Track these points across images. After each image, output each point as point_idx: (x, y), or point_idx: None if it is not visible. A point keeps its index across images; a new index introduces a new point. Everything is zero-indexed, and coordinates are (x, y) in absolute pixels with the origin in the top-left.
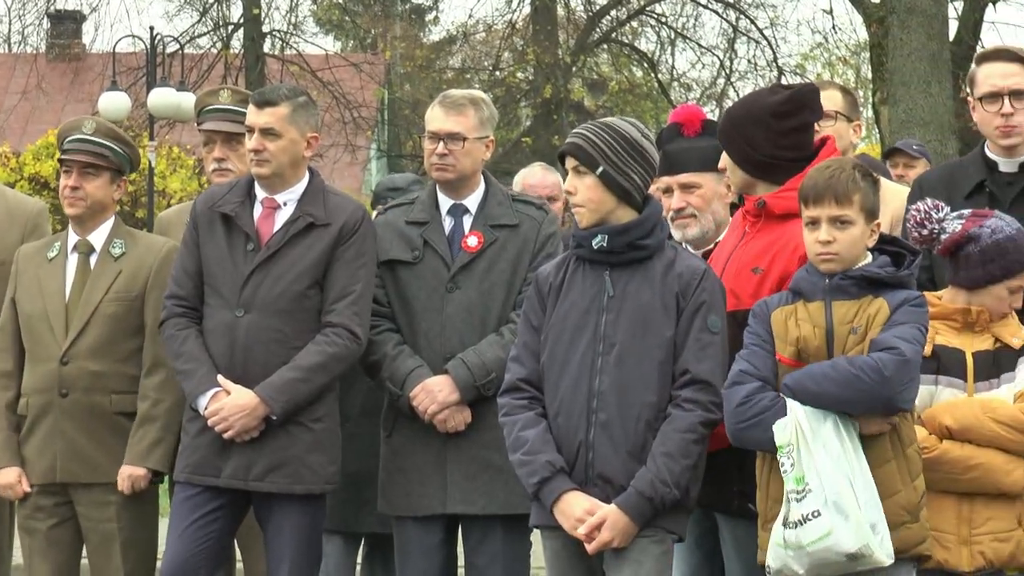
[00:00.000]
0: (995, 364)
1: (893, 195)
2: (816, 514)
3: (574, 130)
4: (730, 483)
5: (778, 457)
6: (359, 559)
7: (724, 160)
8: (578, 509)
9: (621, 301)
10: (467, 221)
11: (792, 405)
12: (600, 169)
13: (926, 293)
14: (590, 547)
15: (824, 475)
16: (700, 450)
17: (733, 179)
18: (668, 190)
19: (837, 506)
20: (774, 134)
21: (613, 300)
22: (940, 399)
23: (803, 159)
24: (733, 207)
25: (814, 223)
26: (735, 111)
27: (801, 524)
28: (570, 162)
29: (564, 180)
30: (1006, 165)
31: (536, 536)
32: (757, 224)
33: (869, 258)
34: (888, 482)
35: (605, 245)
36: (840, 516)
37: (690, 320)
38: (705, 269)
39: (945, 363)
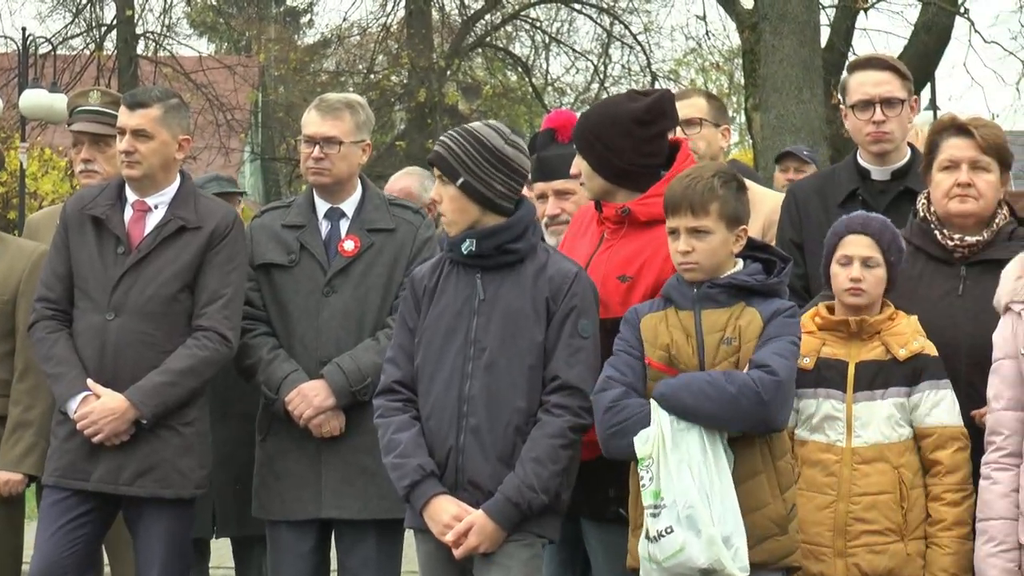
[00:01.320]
0: (880, 375)
1: (764, 200)
2: (669, 530)
3: (440, 137)
4: (605, 489)
5: (638, 470)
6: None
7: (580, 166)
8: (446, 515)
9: (492, 305)
10: (344, 225)
11: (657, 414)
12: (461, 180)
13: (820, 306)
14: (457, 552)
15: (679, 490)
16: (570, 455)
17: (591, 186)
18: (543, 196)
19: (690, 521)
20: (638, 141)
21: (484, 304)
22: (821, 410)
23: (661, 165)
24: None
25: (674, 233)
26: (592, 118)
27: (657, 540)
28: (436, 171)
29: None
30: (878, 173)
31: (409, 537)
32: (620, 231)
33: (740, 265)
34: (757, 494)
35: (474, 250)
36: (692, 531)
37: (560, 325)
38: (576, 272)
39: (826, 374)
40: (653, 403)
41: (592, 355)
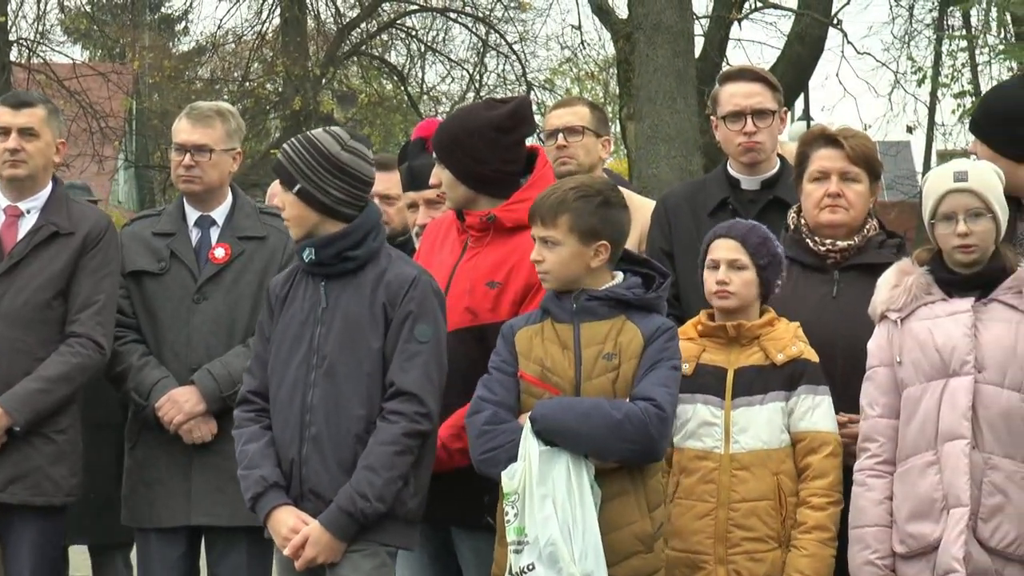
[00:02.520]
0: (759, 380)
1: (640, 209)
2: (531, 567)
3: (283, 144)
4: (478, 496)
5: (504, 505)
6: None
7: (440, 176)
8: (284, 527)
9: (333, 313)
10: (214, 233)
11: (526, 444)
12: (297, 187)
13: (703, 313)
14: (297, 565)
15: (542, 527)
16: (408, 461)
17: (453, 195)
18: (413, 205)
19: (551, 558)
20: (501, 148)
21: (327, 312)
22: (698, 416)
23: (521, 172)
24: None
25: (535, 241)
26: (453, 127)
27: None
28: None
29: None
30: (748, 183)
31: None
32: (484, 238)
33: (619, 278)
34: (624, 512)
35: (314, 257)
36: (553, 570)
37: (398, 330)
38: (415, 277)
39: (704, 380)
40: (525, 430)
41: (431, 360)
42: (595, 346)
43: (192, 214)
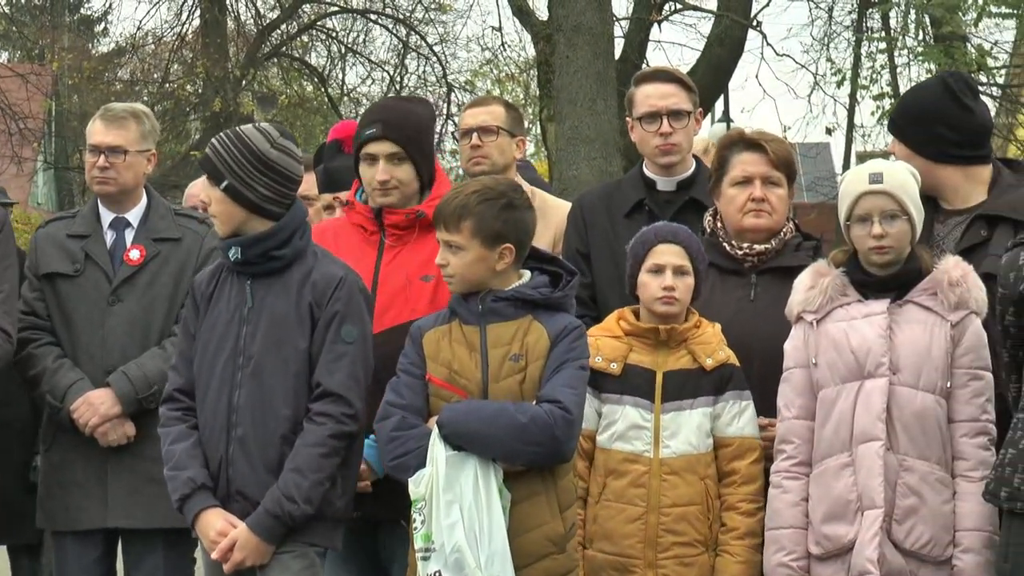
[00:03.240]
0: (688, 385)
1: (555, 210)
2: (438, 574)
3: (211, 140)
4: (405, 496)
5: (412, 512)
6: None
7: (405, 173)
8: (211, 530)
9: (259, 312)
10: (129, 235)
11: (434, 449)
12: (225, 183)
13: (625, 310)
14: (225, 568)
15: (448, 533)
16: (335, 463)
17: (407, 191)
18: (330, 207)
19: (457, 565)
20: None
21: (252, 311)
22: (628, 419)
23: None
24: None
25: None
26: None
27: None
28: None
29: None
30: (664, 184)
31: None
32: (408, 236)
33: (526, 277)
34: (535, 514)
35: (240, 256)
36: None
37: (324, 331)
38: (342, 277)
39: (634, 382)
40: (433, 435)
41: (358, 361)
42: (502, 347)
43: (107, 216)
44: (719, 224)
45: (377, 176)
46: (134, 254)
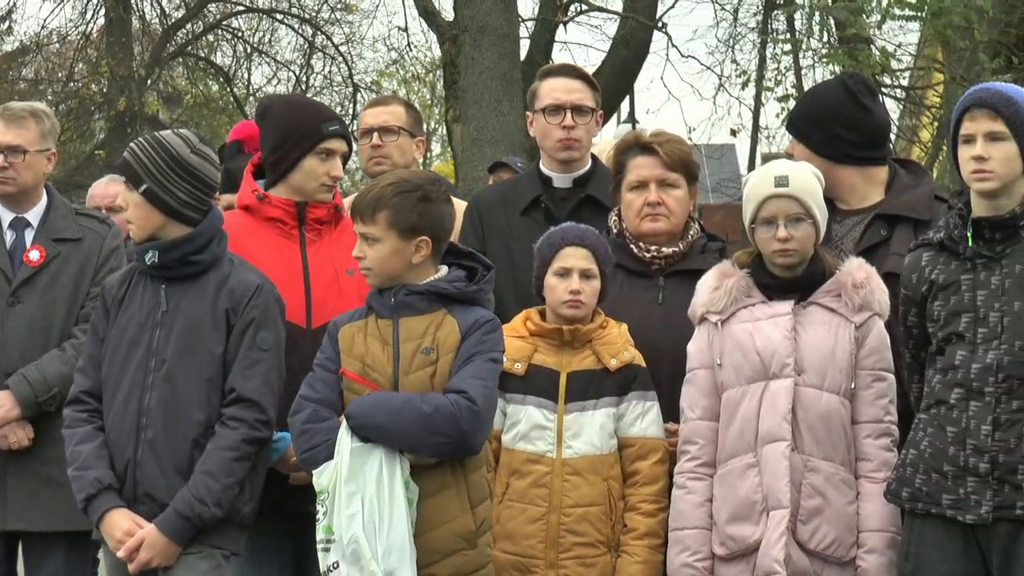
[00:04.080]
0: (592, 385)
1: (461, 211)
2: (336, 565)
3: (130, 143)
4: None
5: (316, 504)
6: None
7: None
8: (118, 530)
9: (174, 316)
10: (29, 235)
11: (341, 442)
12: (144, 187)
13: (531, 311)
14: (131, 567)
15: (347, 525)
16: (246, 467)
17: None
18: (230, 207)
19: (354, 556)
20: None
21: (167, 315)
22: (531, 419)
23: None
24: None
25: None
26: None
27: (327, 575)
28: (124, 177)
29: None
30: (560, 180)
31: None
32: (327, 230)
33: (443, 271)
34: (444, 509)
35: (156, 261)
36: (355, 568)
37: (240, 337)
38: (259, 285)
39: (538, 382)
40: (341, 428)
41: (272, 368)
42: (414, 341)
43: (6, 216)
44: (624, 226)
45: (333, 172)
46: (34, 255)
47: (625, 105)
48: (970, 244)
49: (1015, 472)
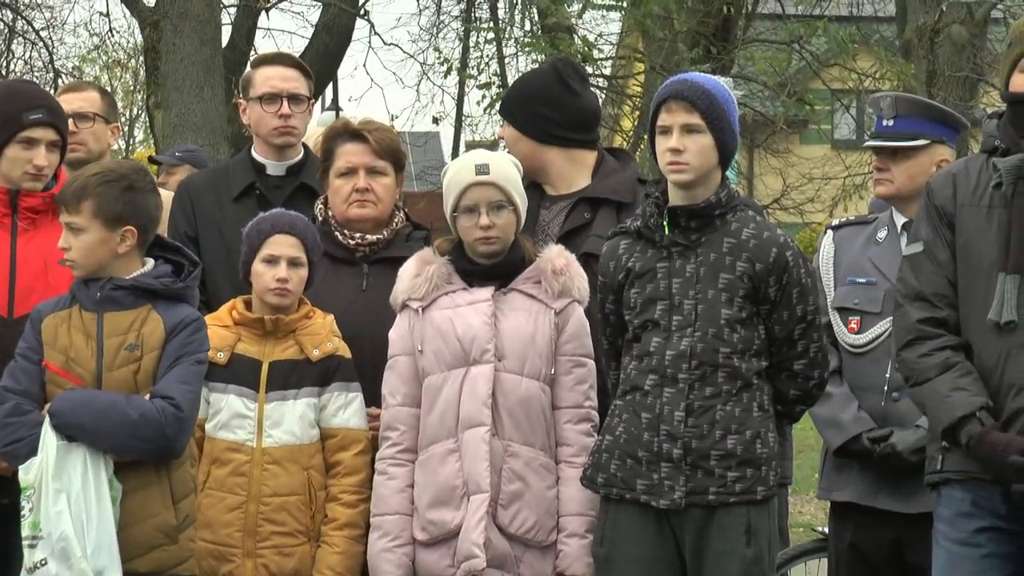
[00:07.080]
0: (294, 375)
1: (167, 200)
2: (44, 562)
3: None
4: None
5: (21, 500)
6: None
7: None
8: None
9: None
10: None
11: (46, 437)
12: None
13: (237, 300)
14: None
15: (55, 522)
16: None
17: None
18: None
19: (63, 553)
20: None
21: None
22: (231, 408)
23: None
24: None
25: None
26: None
27: (32, 572)
28: None
29: None
30: (274, 168)
31: None
32: (43, 219)
33: (150, 265)
34: (146, 505)
35: None
36: (64, 565)
37: None
38: None
39: (239, 372)
40: (45, 423)
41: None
42: (118, 336)
43: None
44: (330, 213)
45: (36, 160)
46: None
47: (329, 92)
48: (667, 233)
49: (707, 458)
